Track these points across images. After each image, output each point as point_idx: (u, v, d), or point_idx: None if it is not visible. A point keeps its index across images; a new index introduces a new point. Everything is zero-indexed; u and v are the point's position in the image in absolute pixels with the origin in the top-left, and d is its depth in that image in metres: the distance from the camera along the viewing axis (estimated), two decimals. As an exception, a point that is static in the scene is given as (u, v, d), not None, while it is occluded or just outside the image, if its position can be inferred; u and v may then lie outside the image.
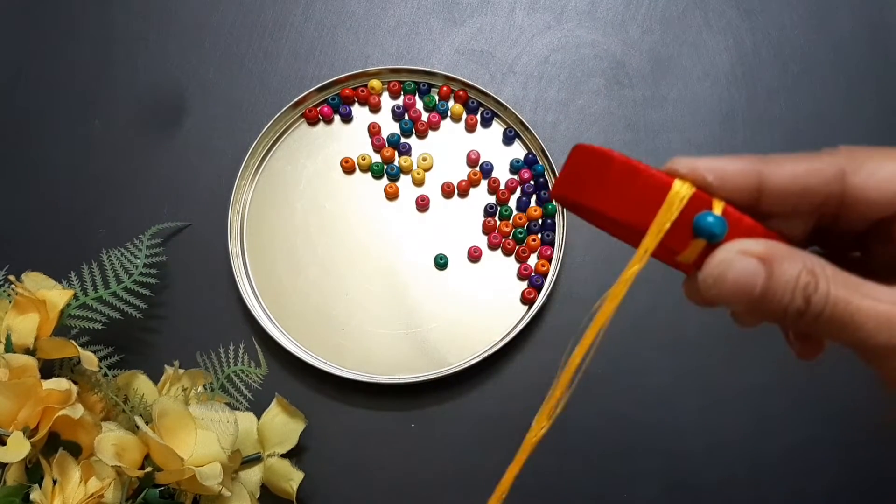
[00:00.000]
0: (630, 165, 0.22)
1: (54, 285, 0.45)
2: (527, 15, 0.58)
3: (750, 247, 0.22)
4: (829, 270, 0.21)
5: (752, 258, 0.21)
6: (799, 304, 0.21)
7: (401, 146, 0.54)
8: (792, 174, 0.22)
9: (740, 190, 0.22)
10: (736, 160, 0.22)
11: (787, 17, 0.57)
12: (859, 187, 0.22)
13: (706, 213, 0.22)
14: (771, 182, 0.22)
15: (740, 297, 0.21)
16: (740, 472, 0.47)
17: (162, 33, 0.59)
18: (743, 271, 0.21)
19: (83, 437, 0.41)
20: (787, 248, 0.22)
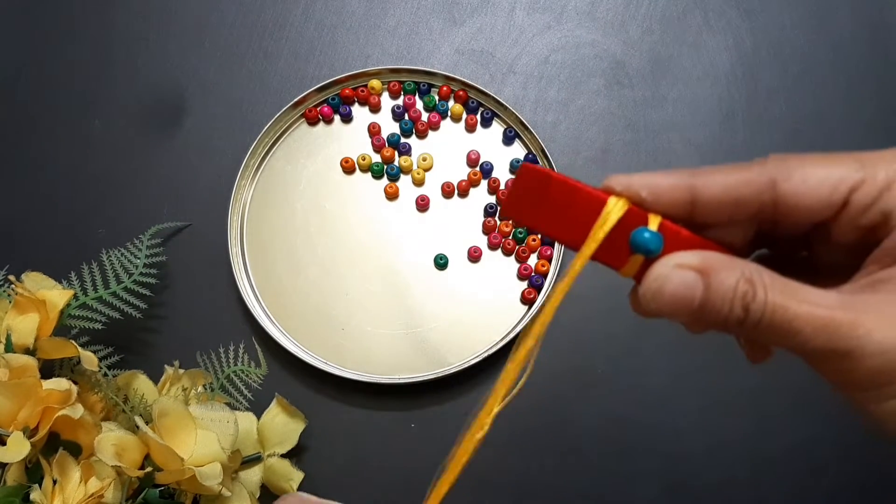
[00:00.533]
0: (567, 184, 0.23)
1: (54, 285, 0.45)
2: (527, 15, 0.58)
3: (686, 259, 0.22)
4: (767, 278, 0.21)
5: (688, 271, 0.22)
6: (738, 313, 0.21)
7: (401, 146, 0.54)
8: (723, 186, 0.23)
9: (674, 204, 0.23)
10: (668, 175, 0.23)
11: (787, 17, 0.57)
12: (791, 194, 0.22)
13: (641, 229, 0.22)
14: (703, 195, 0.23)
15: (680, 309, 0.22)
16: (740, 472, 0.47)
17: (162, 33, 0.59)
18: (680, 285, 0.22)
19: (83, 437, 0.41)
20: (725, 257, 0.22)
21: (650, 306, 0.22)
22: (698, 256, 0.22)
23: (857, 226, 0.23)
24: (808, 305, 0.21)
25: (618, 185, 0.23)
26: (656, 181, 0.23)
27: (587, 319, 0.50)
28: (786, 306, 0.21)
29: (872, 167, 0.23)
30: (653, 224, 0.22)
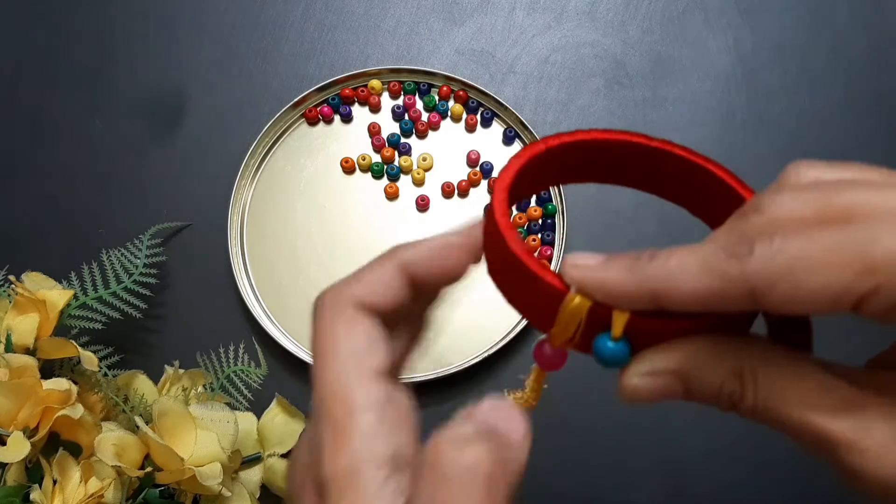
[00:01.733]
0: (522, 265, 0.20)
1: (54, 285, 0.45)
2: (527, 15, 0.58)
3: (657, 365, 0.19)
4: (762, 371, 0.19)
5: (660, 377, 0.19)
6: (726, 406, 0.19)
7: (401, 146, 0.54)
8: (692, 297, 0.18)
9: (635, 305, 0.19)
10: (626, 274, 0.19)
11: (787, 18, 0.57)
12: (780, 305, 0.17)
13: (603, 338, 0.19)
14: (667, 303, 0.18)
15: (663, 401, 0.20)
16: (740, 475, 0.47)
17: (162, 33, 0.59)
18: (656, 391, 0.19)
19: (83, 437, 0.41)
20: (710, 346, 0.19)
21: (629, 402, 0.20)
22: (672, 359, 0.19)
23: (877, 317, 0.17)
24: (802, 411, 0.18)
25: (571, 280, 0.19)
26: (609, 282, 0.19)
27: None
28: (777, 411, 0.18)
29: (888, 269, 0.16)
30: (617, 325, 0.19)
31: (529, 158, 0.22)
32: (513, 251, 0.20)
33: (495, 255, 0.21)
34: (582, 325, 0.19)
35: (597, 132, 0.23)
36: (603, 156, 0.24)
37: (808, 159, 0.20)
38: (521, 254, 0.20)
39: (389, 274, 0.22)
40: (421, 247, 0.23)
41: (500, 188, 0.22)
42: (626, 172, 0.25)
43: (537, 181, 0.24)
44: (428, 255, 0.22)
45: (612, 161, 0.24)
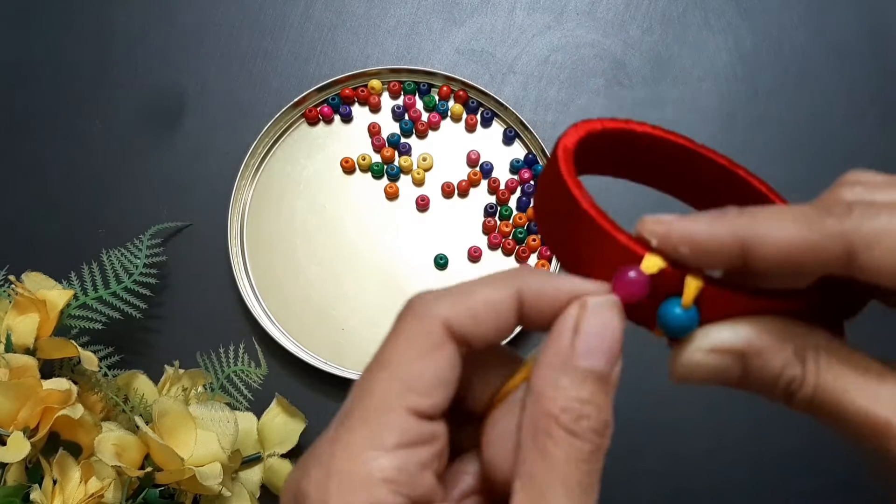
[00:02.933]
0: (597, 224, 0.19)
1: (54, 285, 0.45)
2: (527, 15, 0.58)
3: (722, 341, 0.18)
4: (824, 359, 0.18)
5: (723, 355, 0.18)
6: (781, 396, 0.19)
7: (401, 146, 0.54)
8: (783, 249, 0.17)
9: (721, 260, 0.18)
10: (714, 223, 0.18)
11: (787, 17, 0.57)
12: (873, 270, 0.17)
13: (672, 304, 0.18)
14: (756, 255, 0.18)
15: (717, 384, 0.19)
16: (741, 473, 0.47)
17: (162, 33, 0.59)
18: (711, 369, 0.18)
19: (83, 437, 0.41)
20: (775, 328, 0.18)
21: (681, 381, 0.19)
22: (738, 334, 0.18)
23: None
24: (863, 401, 0.18)
25: (652, 234, 0.18)
26: (699, 233, 0.18)
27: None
28: (839, 400, 0.18)
29: None
30: (688, 294, 0.18)
31: (588, 133, 0.21)
32: (582, 207, 0.19)
33: (556, 210, 0.20)
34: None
35: (648, 126, 0.22)
36: (646, 151, 0.23)
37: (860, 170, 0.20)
38: (592, 210, 0.19)
39: (501, 298, 0.19)
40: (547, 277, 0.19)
41: (565, 146, 0.20)
42: (663, 172, 0.24)
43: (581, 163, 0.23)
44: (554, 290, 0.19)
45: (654, 159, 0.23)
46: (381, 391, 0.18)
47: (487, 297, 0.18)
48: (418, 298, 0.19)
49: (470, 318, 0.18)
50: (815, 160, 0.54)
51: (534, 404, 0.18)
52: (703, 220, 0.18)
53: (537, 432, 0.17)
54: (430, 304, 0.18)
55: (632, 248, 0.19)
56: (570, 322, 0.18)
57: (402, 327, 0.18)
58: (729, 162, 0.23)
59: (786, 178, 0.54)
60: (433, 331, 0.18)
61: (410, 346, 0.18)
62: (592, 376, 0.18)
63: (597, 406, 0.18)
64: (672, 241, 0.18)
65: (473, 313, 0.18)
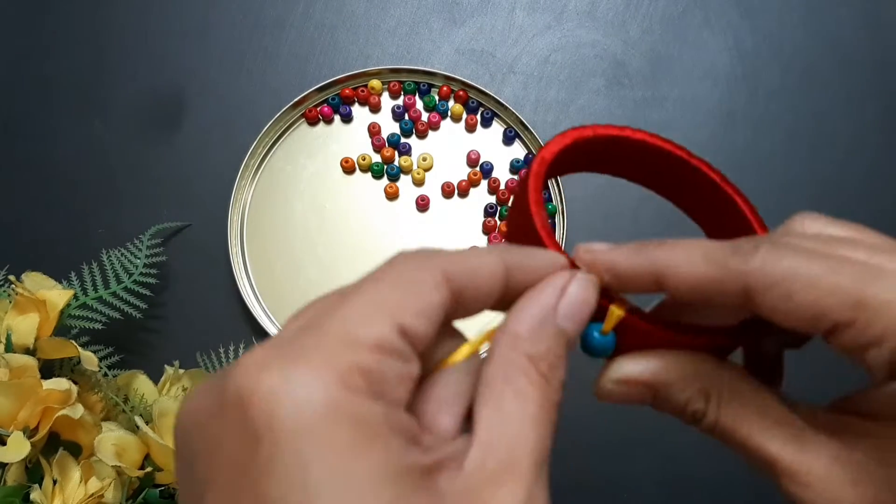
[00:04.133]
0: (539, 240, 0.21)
1: (54, 285, 0.45)
2: (527, 15, 0.58)
3: (631, 373, 0.20)
4: (726, 397, 0.20)
5: (631, 385, 0.20)
6: (689, 421, 0.21)
7: (401, 146, 0.54)
8: (692, 281, 0.19)
9: (639, 287, 0.20)
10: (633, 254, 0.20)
11: (787, 17, 0.57)
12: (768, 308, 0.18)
13: (591, 329, 0.20)
14: (668, 284, 0.20)
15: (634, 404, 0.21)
16: (742, 471, 0.47)
17: (162, 33, 0.59)
18: (627, 395, 0.21)
19: (83, 437, 0.41)
20: (683, 366, 0.20)
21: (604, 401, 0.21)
22: (647, 369, 0.20)
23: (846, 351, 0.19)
24: (758, 437, 0.20)
25: (581, 262, 0.20)
26: (619, 263, 0.20)
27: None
28: (736, 433, 0.20)
29: (868, 310, 0.17)
30: (609, 320, 0.20)
31: (574, 140, 0.23)
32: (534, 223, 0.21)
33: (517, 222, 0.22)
34: None
35: (644, 133, 0.23)
36: (642, 158, 0.24)
37: (813, 212, 0.21)
38: (540, 227, 0.21)
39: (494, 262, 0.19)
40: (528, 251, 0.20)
41: (542, 158, 0.22)
42: (658, 179, 0.25)
43: (571, 163, 0.24)
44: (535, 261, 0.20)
45: (649, 165, 0.24)
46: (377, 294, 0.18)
47: (482, 260, 0.19)
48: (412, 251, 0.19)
49: (468, 274, 0.18)
50: (814, 160, 0.54)
51: (510, 345, 0.18)
52: (625, 251, 0.20)
53: (512, 370, 0.18)
54: (429, 254, 0.18)
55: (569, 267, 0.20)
56: (560, 282, 0.19)
57: (401, 265, 0.18)
58: (720, 178, 0.24)
59: (786, 177, 0.54)
60: (433, 274, 0.18)
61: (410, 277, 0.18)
62: (565, 337, 0.19)
63: (562, 365, 0.19)
64: (597, 269, 0.20)
65: (472, 270, 0.18)
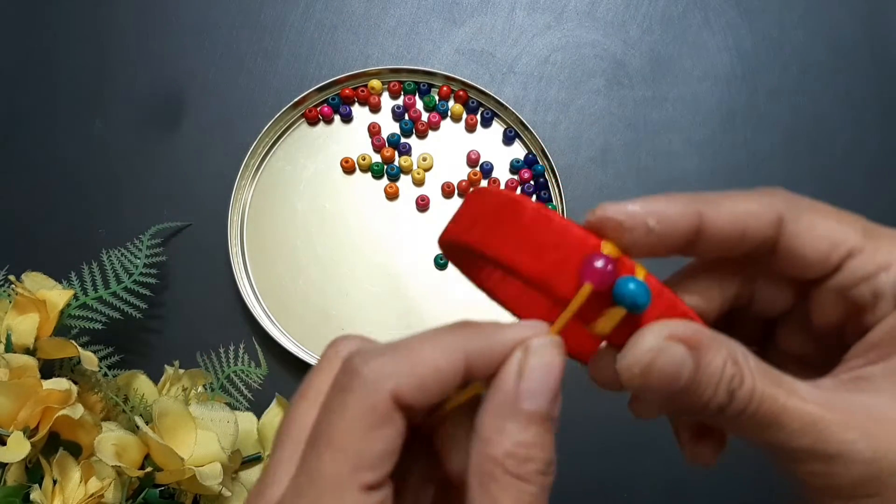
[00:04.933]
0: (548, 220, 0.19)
1: (54, 285, 0.45)
2: (527, 15, 0.58)
3: (678, 330, 0.18)
4: (752, 361, 0.19)
5: (679, 345, 0.18)
6: (722, 399, 0.19)
7: (401, 146, 0.54)
8: (732, 215, 0.20)
9: (680, 233, 0.20)
10: (674, 200, 0.20)
11: (787, 17, 0.57)
12: (794, 237, 0.20)
13: (627, 279, 0.18)
14: (711, 223, 0.20)
15: (664, 388, 0.18)
16: (741, 473, 0.47)
17: (162, 33, 0.59)
18: (670, 361, 0.18)
19: (83, 437, 0.41)
20: (710, 331, 0.19)
21: (634, 382, 0.18)
22: (690, 327, 0.19)
23: (843, 298, 0.20)
24: (797, 399, 0.18)
25: (617, 212, 0.19)
26: (662, 208, 0.20)
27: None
28: (775, 397, 0.18)
29: (876, 240, 0.20)
30: (640, 275, 0.19)
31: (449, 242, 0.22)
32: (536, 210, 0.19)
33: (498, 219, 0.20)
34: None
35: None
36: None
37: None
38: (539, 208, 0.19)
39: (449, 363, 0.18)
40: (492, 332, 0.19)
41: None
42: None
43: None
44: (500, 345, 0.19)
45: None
46: (333, 472, 0.17)
47: (436, 365, 0.18)
48: (361, 362, 0.18)
49: (418, 388, 0.17)
50: (814, 160, 0.54)
51: (480, 450, 0.18)
52: (663, 198, 0.20)
53: (484, 477, 0.17)
54: (376, 375, 0.17)
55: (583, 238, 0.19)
56: (514, 367, 0.18)
57: (348, 401, 0.17)
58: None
59: (785, 177, 0.54)
60: (381, 405, 0.17)
61: (358, 422, 0.17)
62: (537, 417, 0.18)
63: (541, 447, 0.18)
64: (640, 215, 0.19)
65: (421, 383, 0.18)
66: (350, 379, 0.18)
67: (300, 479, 0.18)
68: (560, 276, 0.19)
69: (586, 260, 0.19)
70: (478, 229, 0.20)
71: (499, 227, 0.20)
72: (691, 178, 0.54)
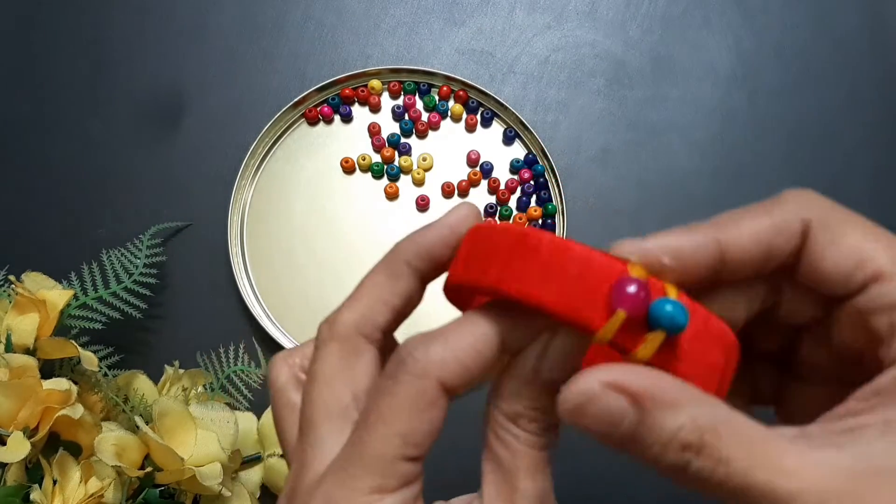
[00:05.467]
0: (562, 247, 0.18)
1: (54, 285, 0.45)
2: (527, 15, 0.58)
3: (624, 379, 0.17)
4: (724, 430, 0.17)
5: (618, 395, 0.17)
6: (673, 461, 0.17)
7: (401, 146, 0.54)
8: (753, 236, 0.19)
9: (700, 267, 0.19)
10: (689, 234, 0.19)
11: (787, 17, 0.57)
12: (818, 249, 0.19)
13: (664, 301, 0.18)
14: (732, 250, 0.19)
15: (599, 432, 0.17)
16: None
17: (161, 33, 0.59)
18: (604, 409, 0.17)
19: (83, 437, 0.41)
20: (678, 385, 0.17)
21: (565, 418, 0.18)
22: (644, 378, 0.17)
23: (861, 323, 0.19)
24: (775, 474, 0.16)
25: (631, 252, 0.19)
26: (678, 244, 0.19)
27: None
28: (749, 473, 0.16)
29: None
30: (672, 294, 0.18)
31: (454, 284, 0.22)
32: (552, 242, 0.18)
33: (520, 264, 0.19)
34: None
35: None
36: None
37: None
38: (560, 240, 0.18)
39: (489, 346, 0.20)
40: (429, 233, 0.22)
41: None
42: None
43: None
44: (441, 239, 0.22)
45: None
46: (383, 445, 0.19)
47: (477, 350, 0.20)
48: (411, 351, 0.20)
49: (461, 374, 0.19)
50: (815, 160, 0.54)
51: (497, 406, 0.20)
52: (679, 232, 0.19)
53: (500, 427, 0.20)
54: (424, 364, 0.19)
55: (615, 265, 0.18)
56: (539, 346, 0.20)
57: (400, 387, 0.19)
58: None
59: (786, 177, 0.54)
60: (429, 391, 0.19)
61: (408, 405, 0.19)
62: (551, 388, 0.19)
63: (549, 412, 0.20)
64: (653, 253, 0.19)
65: (465, 369, 0.19)
66: (400, 368, 0.20)
67: (351, 450, 0.20)
68: (588, 306, 0.18)
69: (616, 287, 0.18)
70: (493, 271, 0.19)
71: (516, 266, 0.19)
72: (692, 178, 0.54)
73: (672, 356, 0.18)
